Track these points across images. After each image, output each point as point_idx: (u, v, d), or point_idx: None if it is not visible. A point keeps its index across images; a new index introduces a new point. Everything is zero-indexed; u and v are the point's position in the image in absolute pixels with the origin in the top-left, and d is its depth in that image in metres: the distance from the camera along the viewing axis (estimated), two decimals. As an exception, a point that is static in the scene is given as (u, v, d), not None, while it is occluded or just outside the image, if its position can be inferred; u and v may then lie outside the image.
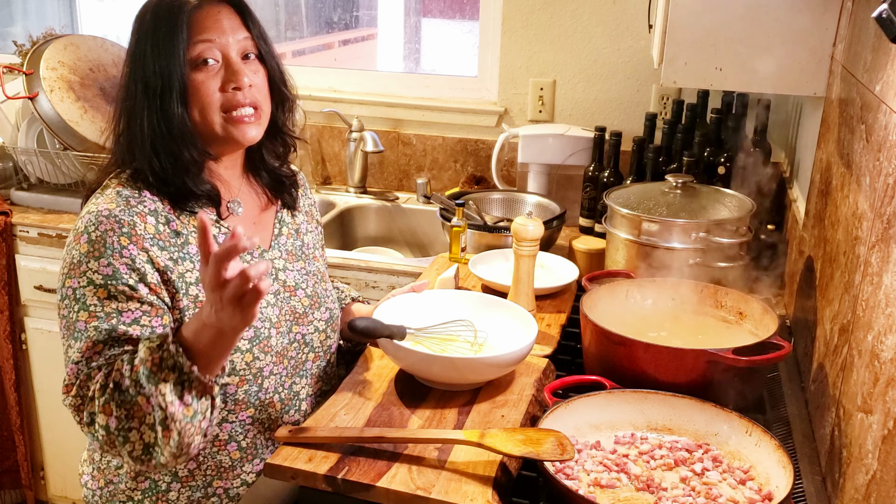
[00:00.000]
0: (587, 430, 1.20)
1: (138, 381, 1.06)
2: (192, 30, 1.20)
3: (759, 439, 1.13)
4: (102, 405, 1.09)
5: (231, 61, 1.22)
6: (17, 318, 2.38)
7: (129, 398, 1.08)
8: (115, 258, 1.15)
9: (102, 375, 1.12)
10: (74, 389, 1.14)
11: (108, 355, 1.14)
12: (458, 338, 1.39)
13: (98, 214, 1.18)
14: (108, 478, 1.30)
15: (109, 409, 1.09)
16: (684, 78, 1.68)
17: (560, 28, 2.41)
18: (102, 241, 1.16)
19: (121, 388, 1.08)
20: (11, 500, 2.55)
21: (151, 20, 1.21)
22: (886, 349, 0.96)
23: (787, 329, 1.68)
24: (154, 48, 1.19)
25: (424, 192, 2.51)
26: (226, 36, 1.22)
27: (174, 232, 1.23)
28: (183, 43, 1.19)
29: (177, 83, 1.19)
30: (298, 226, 1.44)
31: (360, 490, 1.06)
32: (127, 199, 1.21)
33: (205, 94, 1.21)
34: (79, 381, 1.13)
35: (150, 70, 1.19)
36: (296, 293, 1.36)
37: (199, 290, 1.21)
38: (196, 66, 1.21)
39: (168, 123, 1.20)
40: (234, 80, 1.21)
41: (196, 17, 1.21)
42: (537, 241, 1.56)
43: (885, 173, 1.06)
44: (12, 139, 2.42)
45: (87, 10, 3.24)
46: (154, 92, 1.19)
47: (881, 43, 1.15)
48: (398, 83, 2.67)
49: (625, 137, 2.19)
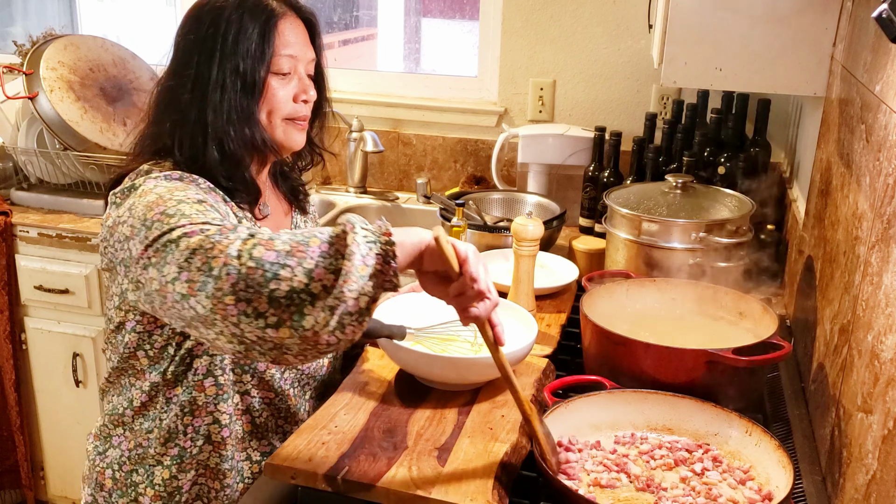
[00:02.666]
0: (587, 430, 1.20)
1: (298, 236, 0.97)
2: (279, 41, 1.27)
3: (759, 439, 1.13)
4: (261, 240, 0.97)
5: (302, 77, 1.32)
6: (17, 318, 2.38)
7: (296, 239, 0.96)
8: (202, 193, 1.17)
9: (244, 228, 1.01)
10: (202, 236, 1.01)
11: (214, 212, 1.11)
12: (458, 338, 1.39)
13: (169, 175, 1.20)
14: (138, 440, 1.31)
15: (271, 244, 0.96)
16: (684, 78, 1.68)
17: (560, 28, 2.41)
18: (180, 177, 1.19)
19: (279, 237, 0.97)
20: (11, 500, 2.55)
21: (237, 18, 1.25)
22: (886, 349, 0.96)
23: (787, 329, 1.68)
24: (245, 48, 1.25)
25: (424, 192, 2.51)
26: (303, 52, 1.31)
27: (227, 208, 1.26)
28: (270, 50, 1.26)
29: (259, 84, 1.26)
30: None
31: (360, 490, 1.06)
32: (182, 178, 1.21)
33: (278, 100, 1.29)
34: (218, 226, 1.02)
35: (236, 67, 1.24)
36: None
37: None
38: (276, 73, 1.28)
39: (245, 117, 1.26)
40: (305, 94, 1.32)
41: (282, 28, 1.28)
42: (537, 241, 1.56)
43: (885, 173, 1.06)
44: (12, 139, 2.41)
45: (87, 10, 3.24)
46: (237, 88, 1.25)
47: (881, 43, 1.15)
48: (398, 83, 2.67)
49: (625, 137, 2.19)
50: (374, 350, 1.42)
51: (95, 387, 2.35)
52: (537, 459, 1.06)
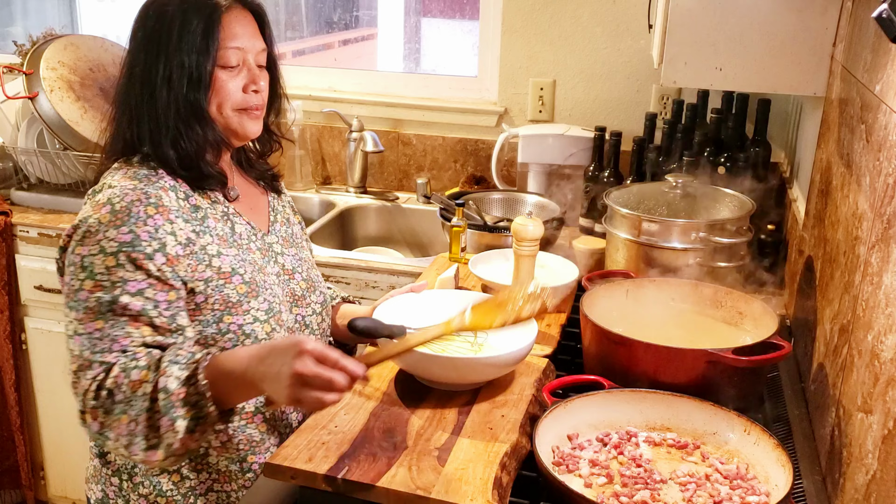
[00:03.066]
0: (586, 430, 1.20)
1: (131, 399, 1.11)
2: (225, 33, 1.28)
3: (758, 438, 1.13)
4: (91, 407, 1.14)
5: (251, 67, 1.32)
6: (17, 318, 2.38)
7: (115, 413, 1.13)
8: (137, 225, 1.19)
9: (102, 373, 1.15)
10: (75, 367, 1.18)
11: (110, 340, 1.16)
12: (458, 338, 1.38)
13: (122, 188, 1.22)
14: None
15: (95, 414, 1.14)
16: (684, 78, 1.68)
17: (560, 28, 2.41)
18: (127, 210, 1.19)
19: (113, 399, 1.13)
20: (11, 500, 2.55)
21: (180, 14, 1.26)
22: (886, 349, 0.96)
23: (787, 329, 1.68)
24: (188, 43, 1.25)
25: (424, 192, 2.51)
26: (251, 43, 1.31)
27: (193, 206, 1.28)
28: (215, 44, 1.26)
29: (205, 78, 1.27)
30: (288, 216, 1.51)
31: (360, 490, 1.06)
32: (148, 177, 1.26)
33: (227, 93, 1.29)
34: (79, 365, 1.17)
35: (180, 62, 1.25)
36: (294, 276, 1.41)
37: (221, 261, 1.27)
38: (223, 66, 1.28)
39: (193, 112, 1.27)
40: (254, 85, 1.32)
41: (227, 21, 1.28)
42: (537, 241, 1.56)
43: (885, 173, 1.06)
44: (12, 139, 2.42)
45: (87, 10, 3.25)
46: (183, 84, 1.26)
47: (881, 43, 1.15)
48: (398, 83, 2.67)
49: (625, 137, 2.19)
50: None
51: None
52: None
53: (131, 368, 1.14)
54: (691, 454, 1.17)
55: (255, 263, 1.32)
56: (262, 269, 1.34)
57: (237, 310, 1.26)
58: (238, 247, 1.31)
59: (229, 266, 1.27)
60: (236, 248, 1.31)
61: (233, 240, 1.31)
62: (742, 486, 1.08)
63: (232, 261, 1.28)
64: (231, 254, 1.28)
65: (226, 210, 1.34)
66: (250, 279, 1.29)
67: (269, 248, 1.39)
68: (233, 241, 1.31)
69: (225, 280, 1.26)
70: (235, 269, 1.27)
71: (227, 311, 1.25)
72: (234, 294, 1.26)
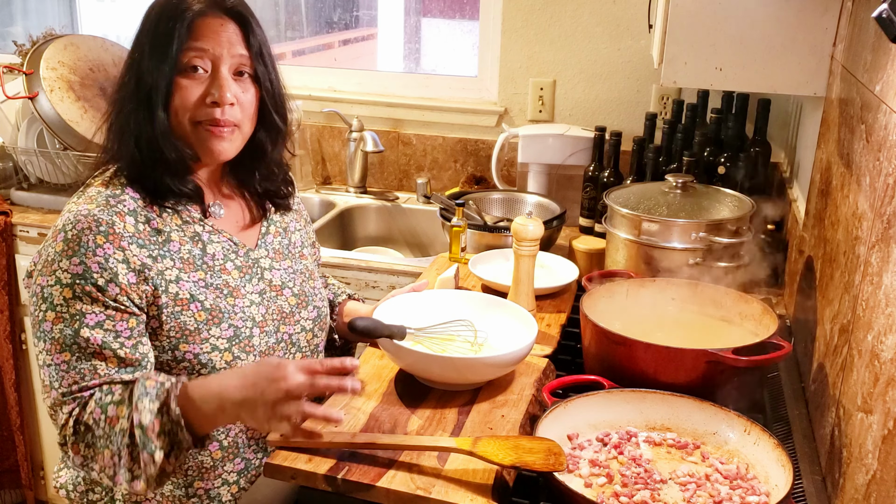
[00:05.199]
0: (586, 430, 1.20)
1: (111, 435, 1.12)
2: (190, 36, 1.20)
3: (758, 438, 1.13)
4: (72, 442, 1.15)
5: (218, 74, 1.21)
6: (17, 318, 2.38)
7: (97, 447, 1.13)
8: (87, 256, 1.15)
9: (77, 407, 1.15)
10: (49, 401, 1.17)
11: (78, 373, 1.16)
12: (458, 338, 1.39)
13: (77, 214, 1.18)
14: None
15: (77, 449, 1.15)
16: (684, 78, 1.68)
17: (560, 28, 2.41)
18: (77, 239, 1.16)
19: (93, 434, 1.13)
20: (11, 500, 2.55)
21: (155, 19, 1.22)
22: (886, 349, 0.96)
23: (787, 329, 1.68)
24: (151, 48, 1.20)
25: (424, 192, 2.51)
26: (221, 48, 1.22)
27: (154, 230, 1.23)
28: (177, 47, 1.19)
29: (163, 84, 1.20)
30: (287, 224, 1.44)
31: (359, 490, 1.06)
32: (107, 199, 1.21)
33: (184, 99, 1.21)
34: (53, 400, 1.16)
35: (145, 68, 1.20)
36: (282, 292, 1.36)
37: (180, 287, 1.22)
38: (184, 71, 1.21)
39: (152, 122, 1.21)
40: (215, 94, 1.21)
41: (197, 24, 1.21)
42: (537, 241, 1.56)
43: (885, 173, 1.06)
44: (12, 139, 2.42)
45: (87, 10, 3.24)
46: (144, 90, 1.20)
47: (881, 43, 1.15)
48: (398, 83, 2.67)
49: (625, 137, 2.19)
50: (374, 350, 1.42)
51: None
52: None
53: (107, 404, 1.13)
54: (691, 454, 1.17)
55: (225, 287, 1.27)
56: (235, 290, 1.28)
57: (194, 338, 1.22)
58: (206, 269, 1.25)
59: (187, 292, 1.22)
60: (203, 271, 1.25)
61: (201, 262, 1.25)
62: (742, 486, 1.08)
63: (192, 287, 1.22)
64: (193, 279, 1.23)
65: (198, 230, 1.27)
66: (211, 305, 1.24)
67: (255, 264, 1.33)
68: (200, 264, 1.25)
69: (182, 307, 1.21)
70: (195, 296, 1.22)
71: (182, 338, 1.22)
72: (191, 321, 1.22)
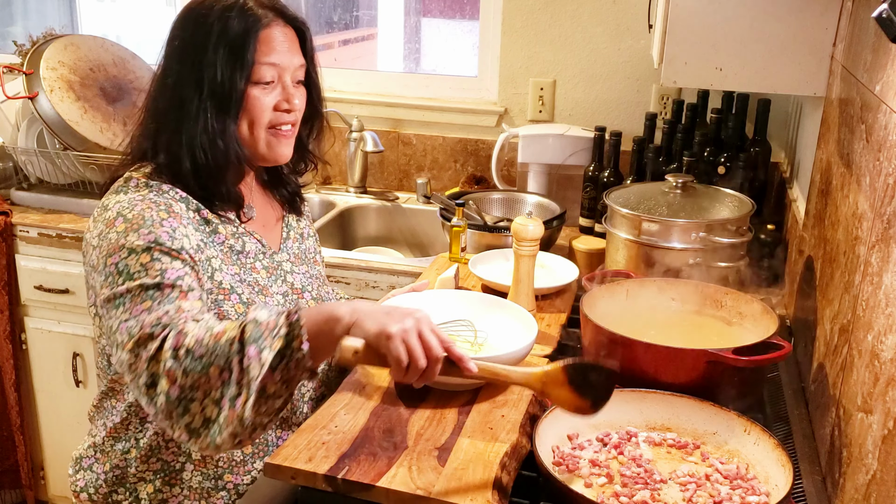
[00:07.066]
0: (586, 430, 1.20)
1: (215, 350, 1.02)
2: (262, 49, 1.23)
3: (758, 438, 1.13)
4: (168, 369, 1.03)
5: (287, 85, 1.27)
6: (17, 318, 2.38)
7: (199, 367, 1.02)
8: (155, 227, 1.16)
9: (172, 336, 1.05)
10: (131, 344, 1.08)
11: (163, 311, 1.09)
12: (458, 338, 1.39)
13: (131, 199, 1.19)
14: (114, 462, 1.31)
15: (174, 376, 1.03)
16: (684, 78, 1.68)
17: (560, 28, 2.41)
18: (141, 216, 1.16)
19: (193, 356, 1.03)
20: (11, 500, 2.55)
21: (219, 25, 1.21)
22: (886, 349, 0.96)
23: (787, 329, 1.68)
24: (223, 57, 1.21)
25: (424, 192, 2.51)
26: (288, 61, 1.26)
27: (203, 219, 1.26)
28: (251, 59, 1.22)
29: (237, 94, 1.22)
30: (302, 230, 1.47)
31: (360, 490, 1.06)
32: (159, 187, 1.23)
33: (259, 109, 1.24)
34: (137, 338, 1.07)
35: (213, 76, 1.21)
36: (303, 295, 1.38)
37: (223, 277, 1.24)
38: (257, 83, 1.24)
39: (221, 130, 1.23)
40: (288, 103, 1.27)
41: (265, 37, 1.23)
42: (537, 241, 1.56)
43: (885, 173, 1.06)
44: (12, 139, 2.41)
45: (87, 10, 3.24)
46: (214, 98, 1.21)
47: (881, 43, 1.15)
48: (398, 83, 2.67)
49: (625, 137, 2.19)
50: (374, 350, 1.42)
51: (95, 387, 2.34)
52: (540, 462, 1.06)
53: (211, 325, 1.06)
54: (691, 454, 1.17)
55: (256, 284, 1.29)
56: (265, 289, 1.31)
57: None
58: (241, 265, 1.28)
59: (228, 284, 1.24)
60: (238, 266, 1.28)
61: (237, 258, 1.28)
62: (742, 486, 1.08)
63: (231, 279, 1.25)
64: (231, 272, 1.26)
65: (235, 229, 1.31)
66: (248, 300, 1.26)
67: (279, 266, 1.36)
68: (236, 260, 1.28)
69: (224, 296, 1.23)
70: (234, 288, 1.25)
71: None
72: (232, 312, 1.24)
